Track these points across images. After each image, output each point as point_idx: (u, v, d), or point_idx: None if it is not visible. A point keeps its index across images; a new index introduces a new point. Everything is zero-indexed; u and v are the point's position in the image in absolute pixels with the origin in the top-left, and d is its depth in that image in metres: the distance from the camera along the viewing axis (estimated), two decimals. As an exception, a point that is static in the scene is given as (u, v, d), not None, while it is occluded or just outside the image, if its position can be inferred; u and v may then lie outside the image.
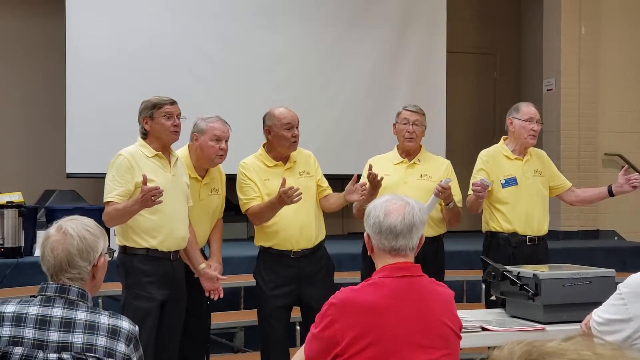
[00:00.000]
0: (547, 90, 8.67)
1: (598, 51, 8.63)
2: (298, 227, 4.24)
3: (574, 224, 8.41)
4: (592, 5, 8.59)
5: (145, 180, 3.70)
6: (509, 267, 3.70)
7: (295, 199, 3.97)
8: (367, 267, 4.53)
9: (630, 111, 8.78)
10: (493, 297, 3.83)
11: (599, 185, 8.42)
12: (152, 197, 3.71)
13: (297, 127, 4.28)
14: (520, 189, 4.61)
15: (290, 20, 7.95)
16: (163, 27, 7.59)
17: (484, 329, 3.37)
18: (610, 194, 4.65)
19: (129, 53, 7.46)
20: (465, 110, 9.33)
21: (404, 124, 4.56)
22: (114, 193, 3.85)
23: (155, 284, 3.90)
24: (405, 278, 2.49)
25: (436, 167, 4.61)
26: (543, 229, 4.66)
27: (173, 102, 4.03)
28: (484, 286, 4.84)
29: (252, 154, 4.40)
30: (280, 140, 4.28)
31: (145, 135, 4.00)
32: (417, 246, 2.55)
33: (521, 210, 4.59)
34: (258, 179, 4.30)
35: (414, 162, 4.59)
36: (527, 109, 4.69)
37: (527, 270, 3.62)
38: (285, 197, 3.98)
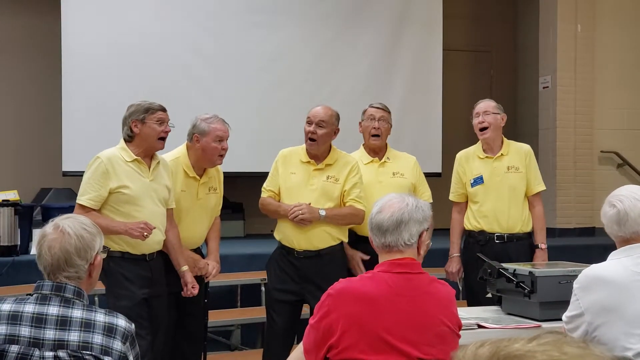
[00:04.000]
0: (543, 87, 8.68)
1: (594, 49, 8.64)
2: (300, 229, 4.23)
3: (570, 221, 8.43)
4: (587, 2, 8.60)
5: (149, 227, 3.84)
6: (505, 265, 3.70)
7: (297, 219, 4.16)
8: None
9: (626, 108, 8.80)
10: (489, 295, 3.84)
11: (595, 184, 8.50)
12: (144, 233, 3.79)
13: (317, 125, 4.23)
14: (487, 187, 4.61)
15: (286, 19, 7.94)
16: (159, 26, 7.59)
17: (480, 327, 3.37)
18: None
19: (124, 51, 7.45)
20: (462, 108, 9.31)
21: (370, 119, 4.57)
22: (86, 197, 3.86)
23: (135, 283, 3.89)
24: (404, 275, 2.50)
25: (406, 164, 4.63)
26: (516, 227, 4.58)
27: (164, 109, 4.03)
28: (462, 287, 4.87)
29: (298, 146, 4.40)
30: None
31: (130, 138, 3.97)
32: (419, 242, 2.55)
33: (488, 208, 4.60)
34: (284, 171, 4.33)
35: (384, 161, 4.59)
36: (476, 105, 4.69)
37: (523, 267, 3.62)
38: (291, 217, 4.18)
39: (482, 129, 4.61)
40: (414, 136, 7.83)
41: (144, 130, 3.94)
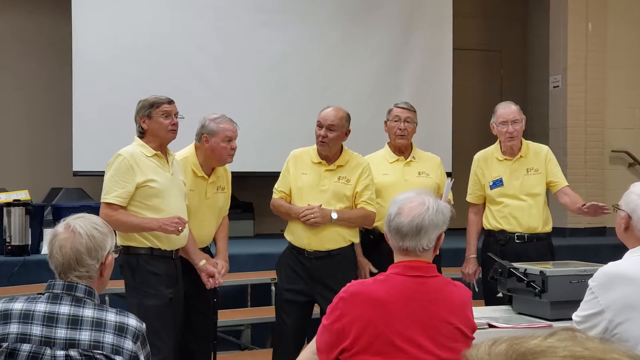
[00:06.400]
0: (554, 87, 8.65)
1: (605, 47, 8.60)
2: (312, 230, 4.23)
3: (581, 221, 8.38)
4: (598, 1, 8.57)
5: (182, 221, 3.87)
6: (515, 264, 3.69)
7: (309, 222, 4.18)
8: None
9: (637, 107, 8.75)
10: (499, 294, 3.83)
11: (606, 183, 8.47)
12: (179, 228, 3.79)
13: (328, 129, 4.23)
14: (507, 189, 4.62)
15: (294, 19, 7.94)
16: (167, 26, 7.60)
17: (491, 326, 3.36)
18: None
19: (134, 51, 7.47)
20: (472, 107, 9.31)
21: (396, 121, 4.59)
22: (113, 194, 3.85)
23: (163, 283, 3.91)
24: (417, 278, 2.48)
25: (431, 164, 4.67)
26: (537, 228, 4.60)
27: (171, 101, 4.03)
28: (477, 289, 4.87)
29: (309, 147, 4.41)
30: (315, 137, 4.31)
31: (142, 134, 4.00)
32: (435, 246, 2.52)
33: (508, 210, 4.61)
34: (295, 171, 4.34)
35: (410, 160, 4.61)
36: (501, 111, 4.65)
37: (534, 267, 3.61)
38: (302, 218, 4.18)
39: (511, 137, 4.59)
40: (424, 136, 7.73)
41: (151, 125, 3.97)
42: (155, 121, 3.96)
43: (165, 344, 3.81)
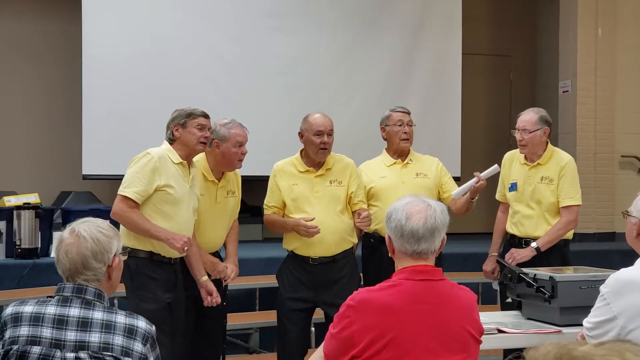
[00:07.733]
0: (563, 92, 8.63)
1: (614, 52, 8.58)
2: (316, 236, 4.23)
3: (590, 227, 8.36)
4: (608, 6, 8.55)
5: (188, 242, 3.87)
6: (525, 269, 3.69)
7: (312, 236, 4.17)
8: (370, 269, 4.55)
9: (647, 112, 8.73)
10: (509, 299, 3.82)
11: (616, 188, 8.44)
12: (184, 248, 3.81)
13: (328, 135, 4.27)
14: (519, 195, 4.62)
15: (304, 23, 7.96)
16: (178, 30, 7.63)
17: (500, 331, 3.36)
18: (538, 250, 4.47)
19: (144, 55, 7.50)
20: (481, 112, 9.30)
21: (399, 125, 4.60)
22: (133, 189, 3.85)
23: (161, 287, 3.91)
24: (425, 282, 2.47)
25: (429, 166, 4.66)
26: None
27: (207, 116, 4.07)
28: (498, 288, 4.84)
29: (291, 157, 4.42)
30: (309, 145, 4.31)
31: (172, 141, 4.02)
32: (439, 248, 2.54)
33: (517, 215, 4.61)
34: (285, 184, 4.34)
35: (407, 162, 4.62)
36: (518, 116, 4.66)
37: (544, 272, 3.60)
38: (302, 232, 4.17)
39: (521, 145, 4.60)
40: (433, 141, 7.78)
41: (184, 134, 3.99)
42: (188, 131, 3.98)
43: (163, 345, 3.78)
